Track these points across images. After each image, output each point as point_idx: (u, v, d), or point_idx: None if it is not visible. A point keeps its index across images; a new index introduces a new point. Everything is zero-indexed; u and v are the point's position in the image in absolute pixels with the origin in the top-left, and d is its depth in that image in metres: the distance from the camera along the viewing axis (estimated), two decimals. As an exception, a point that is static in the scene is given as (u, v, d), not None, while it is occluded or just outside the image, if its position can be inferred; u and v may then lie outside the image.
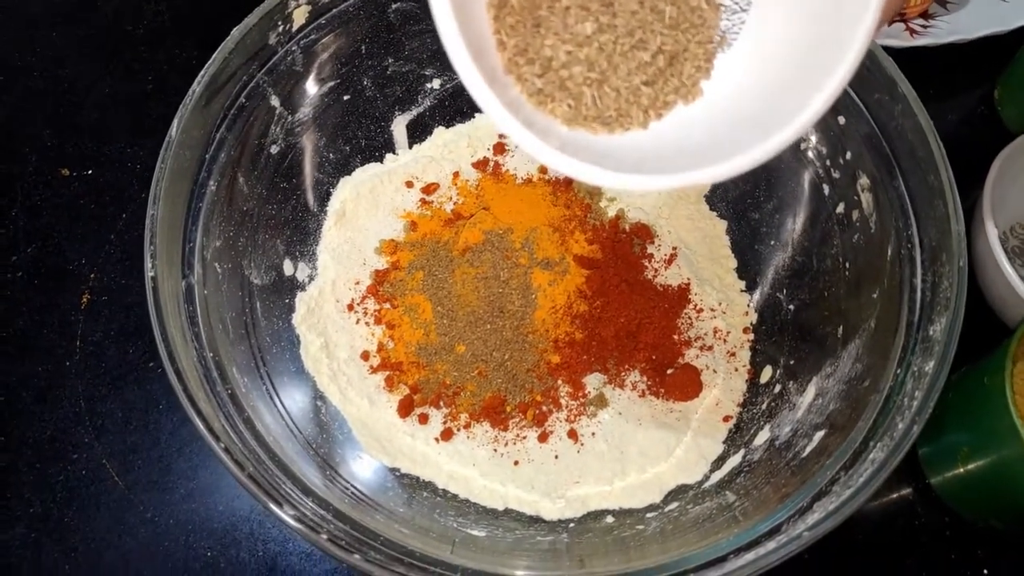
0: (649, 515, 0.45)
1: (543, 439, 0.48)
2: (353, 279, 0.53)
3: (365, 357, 0.51)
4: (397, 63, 0.55)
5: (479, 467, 0.47)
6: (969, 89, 0.64)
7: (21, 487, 0.51)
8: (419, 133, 0.59)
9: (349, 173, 0.57)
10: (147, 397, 0.54)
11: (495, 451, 0.48)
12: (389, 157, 0.58)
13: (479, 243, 0.53)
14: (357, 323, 0.52)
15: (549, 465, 0.48)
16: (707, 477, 0.47)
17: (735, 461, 0.47)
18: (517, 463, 0.48)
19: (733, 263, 0.55)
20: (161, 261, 0.40)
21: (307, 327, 0.51)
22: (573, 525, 0.46)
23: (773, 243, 0.54)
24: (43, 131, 0.63)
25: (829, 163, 0.49)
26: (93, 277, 0.57)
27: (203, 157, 0.45)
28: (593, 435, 0.49)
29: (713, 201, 0.57)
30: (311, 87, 0.52)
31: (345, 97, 0.54)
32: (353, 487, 0.43)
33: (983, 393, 0.44)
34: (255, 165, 0.49)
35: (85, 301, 0.57)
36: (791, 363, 0.49)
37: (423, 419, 0.49)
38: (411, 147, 0.59)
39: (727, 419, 0.49)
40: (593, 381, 0.50)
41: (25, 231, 0.59)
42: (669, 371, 0.50)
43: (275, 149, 0.51)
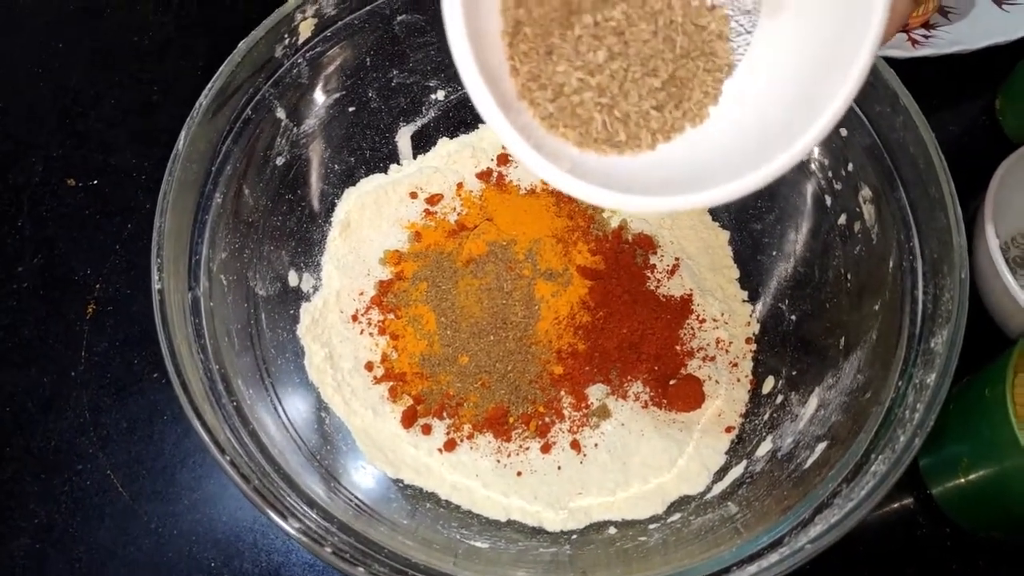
0: (652, 526, 0.45)
1: (546, 450, 0.48)
2: (357, 290, 0.54)
3: (369, 368, 0.51)
4: (402, 75, 0.55)
5: (482, 478, 0.47)
6: (971, 99, 0.64)
7: (26, 498, 0.51)
8: (423, 144, 0.59)
9: (354, 184, 0.57)
10: (151, 407, 0.54)
11: (498, 462, 0.48)
12: (393, 168, 0.58)
13: (483, 254, 0.53)
14: (361, 334, 0.52)
15: (552, 476, 0.48)
16: (709, 488, 0.47)
17: (737, 472, 0.47)
18: (520, 474, 0.48)
19: (735, 273, 0.56)
20: (168, 274, 0.41)
21: (311, 338, 0.51)
22: (576, 537, 0.46)
23: (775, 254, 0.54)
24: (49, 141, 0.63)
25: (831, 174, 0.49)
26: (98, 287, 0.58)
27: (209, 169, 0.45)
28: (596, 446, 0.49)
29: (715, 212, 0.58)
30: (317, 99, 0.52)
31: (350, 109, 0.54)
32: (357, 498, 0.43)
33: (984, 404, 0.44)
34: (260, 177, 0.50)
35: (90, 311, 0.57)
36: (793, 374, 0.49)
37: (426, 430, 0.49)
38: (415, 158, 0.59)
39: (729, 430, 0.49)
40: (596, 392, 0.50)
41: (31, 241, 0.60)
42: (672, 382, 0.50)
43: (280, 161, 0.51)
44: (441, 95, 0.58)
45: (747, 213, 0.56)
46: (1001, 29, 0.63)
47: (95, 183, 0.62)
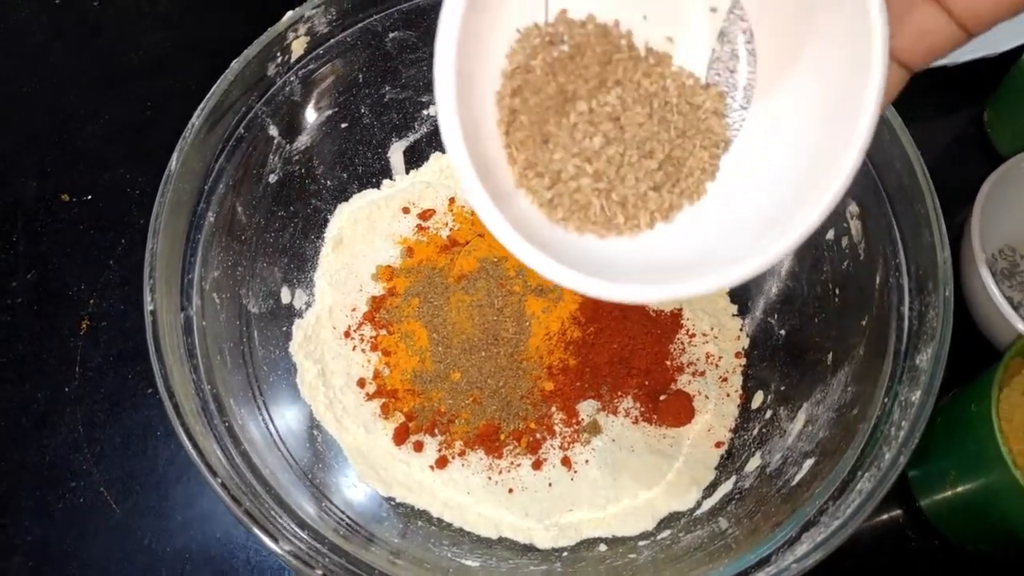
0: (642, 543, 0.46)
1: (537, 467, 0.49)
2: (350, 306, 0.54)
3: (361, 384, 0.51)
4: (394, 91, 0.56)
5: (473, 495, 0.48)
6: (959, 112, 0.65)
7: (20, 514, 0.51)
8: (416, 159, 0.59)
9: (346, 199, 0.57)
10: (145, 423, 0.54)
11: (489, 479, 0.48)
12: (386, 183, 0.59)
13: (474, 271, 0.53)
14: (353, 350, 0.53)
15: (543, 493, 0.48)
16: (699, 504, 0.47)
17: (726, 488, 0.47)
18: (511, 491, 0.48)
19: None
20: (160, 294, 0.41)
21: (304, 354, 0.51)
22: (566, 554, 0.46)
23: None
24: (44, 157, 0.64)
25: (819, 190, 0.49)
26: (92, 303, 0.58)
27: (202, 188, 0.45)
28: (587, 462, 0.49)
29: (706, 225, 0.58)
30: (309, 116, 0.52)
31: (343, 125, 0.54)
32: (348, 518, 0.43)
33: (970, 419, 0.44)
34: (253, 194, 0.50)
35: (84, 327, 0.57)
36: (782, 388, 0.50)
37: (418, 447, 0.49)
38: (408, 173, 0.59)
39: (719, 445, 0.50)
40: (587, 408, 0.50)
41: (25, 256, 0.60)
42: (662, 397, 0.51)
43: (273, 178, 0.51)
44: (433, 111, 0.58)
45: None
46: (989, 42, 0.63)
47: (89, 198, 0.62)
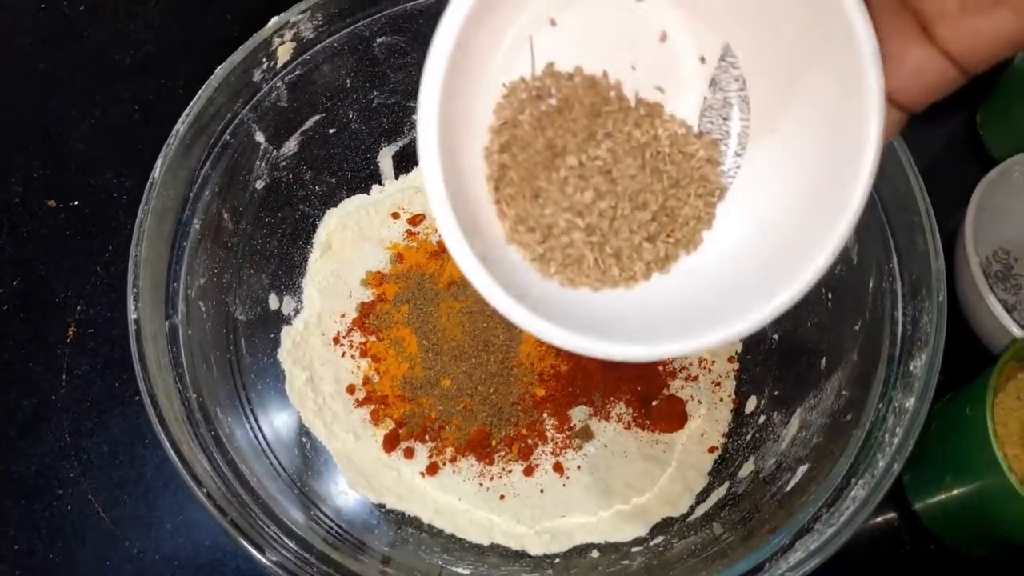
0: (635, 549, 0.45)
1: (529, 473, 0.48)
2: (339, 312, 0.53)
3: (351, 391, 0.51)
4: (382, 95, 0.55)
5: (465, 501, 0.47)
6: (951, 114, 0.65)
7: (5, 524, 0.51)
8: (405, 164, 0.59)
9: (335, 205, 0.57)
10: (133, 431, 0.53)
11: (481, 485, 0.48)
12: (375, 188, 0.58)
13: (464, 277, 0.52)
14: (343, 356, 0.52)
15: (535, 499, 0.48)
16: (692, 510, 0.47)
17: (720, 493, 0.47)
18: (503, 497, 0.48)
19: (718, 291, 0.55)
20: (144, 303, 0.40)
21: (292, 361, 0.51)
22: (559, 561, 0.46)
23: (758, 271, 0.54)
24: (30, 162, 0.63)
25: (812, 193, 0.49)
26: (79, 309, 0.57)
27: (187, 195, 0.45)
28: (579, 468, 0.49)
29: (698, 229, 0.58)
30: (296, 122, 0.52)
31: (331, 130, 0.54)
32: (337, 526, 0.43)
33: (965, 423, 0.44)
34: (240, 201, 0.49)
35: (71, 334, 0.56)
36: (775, 393, 0.49)
37: (408, 453, 0.49)
38: (397, 178, 0.59)
39: (712, 450, 0.49)
40: (578, 414, 0.50)
41: (11, 263, 0.59)
42: (654, 402, 0.50)
43: (260, 184, 0.51)
44: (423, 114, 0.57)
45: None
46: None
47: (76, 204, 0.61)
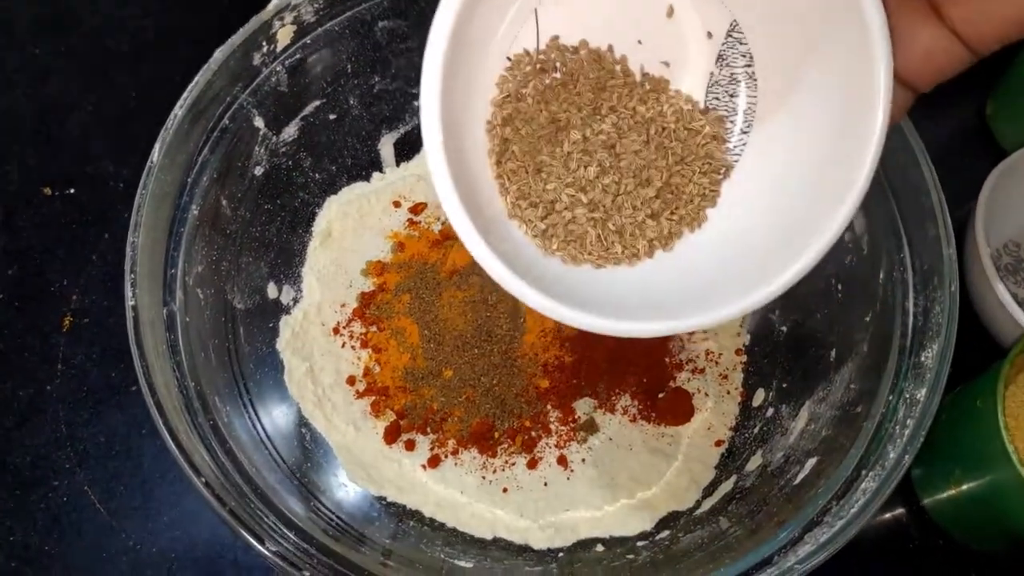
0: (640, 544, 0.45)
1: (532, 465, 0.48)
2: (339, 301, 0.53)
3: (351, 382, 0.50)
4: (384, 81, 0.54)
5: (467, 494, 0.47)
6: (961, 104, 0.64)
7: (1, 515, 0.50)
8: (407, 151, 0.58)
9: (335, 193, 0.56)
10: (129, 421, 0.53)
11: (483, 478, 0.47)
12: (376, 176, 0.57)
13: (467, 266, 0.52)
14: (343, 347, 0.51)
15: (538, 492, 0.47)
16: (699, 504, 0.46)
17: (727, 487, 0.46)
18: (506, 490, 0.47)
19: (725, 282, 0.55)
20: (142, 290, 0.39)
21: (291, 352, 0.50)
22: (562, 555, 0.45)
23: (765, 262, 0.53)
24: (25, 149, 0.62)
25: (820, 182, 0.48)
26: (75, 298, 0.56)
27: (185, 181, 0.44)
28: (583, 461, 0.48)
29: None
30: (296, 107, 0.51)
31: (331, 116, 0.53)
32: (338, 518, 0.42)
33: (975, 415, 0.44)
34: (239, 187, 0.48)
35: (67, 323, 0.56)
36: (784, 386, 0.49)
37: (410, 446, 0.48)
38: (399, 166, 0.58)
39: (719, 443, 0.49)
40: (583, 406, 0.49)
41: (6, 252, 0.58)
42: (660, 395, 0.50)
43: (259, 170, 0.50)
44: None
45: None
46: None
47: (72, 192, 0.60)
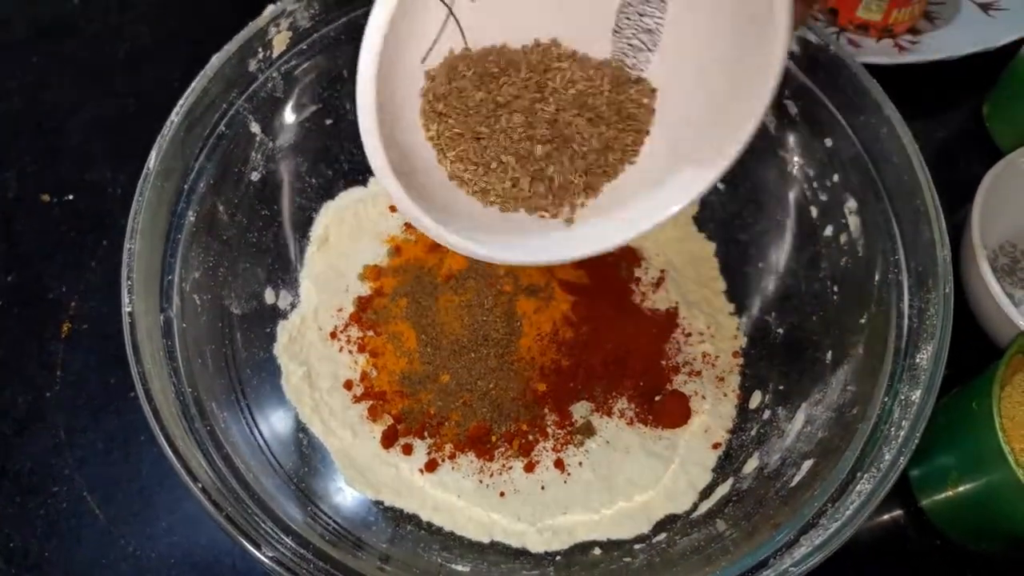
0: (637, 547, 0.45)
1: (529, 469, 0.48)
2: (336, 306, 0.53)
3: (348, 386, 0.50)
4: (380, 86, 0.54)
5: (464, 498, 0.47)
6: (958, 106, 0.64)
7: (0, 521, 0.50)
8: (403, 156, 0.58)
9: (332, 197, 0.56)
10: (128, 427, 0.53)
11: (480, 482, 0.47)
12: (373, 180, 0.57)
13: (463, 270, 0.52)
14: (340, 351, 0.51)
15: (535, 496, 0.47)
16: (696, 506, 0.46)
17: (724, 490, 0.46)
18: (503, 494, 0.47)
19: (722, 285, 0.55)
20: (139, 296, 0.40)
21: (289, 356, 0.50)
22: (560, 559, 0.45)
23: (761, 265, 0.53)
24: (24, 156, 0.62)
25: (816, 185, 0.49)
26: (74, 305, 0.57)
27: (181, 187, 0.44)
28: (580, 464, 0.48)
29: (702, 222, 0.57)
30: (292, 113, 0.51)
31: (327, 121, 0.53)
32: (335, 523, 0.42)
33: (971, 417, 0.44)
34: (235, 193, 0.49)
35: (66, 330, 0.56)
36: (780, 388, 0.49)
37: (407, 450, 0.48)
38: (395, 170, 0.58)
39: (716, 446, 0.49)
40: (580, 409, 0.49)
41: (4, 258, 0.58)
42: (657, 398, 0.50)
43: (255, 176, 0.50)
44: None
45: (733, 223, 0.55)
46: (987, 35, 0.62)
47: (70, 198, 0.60)
